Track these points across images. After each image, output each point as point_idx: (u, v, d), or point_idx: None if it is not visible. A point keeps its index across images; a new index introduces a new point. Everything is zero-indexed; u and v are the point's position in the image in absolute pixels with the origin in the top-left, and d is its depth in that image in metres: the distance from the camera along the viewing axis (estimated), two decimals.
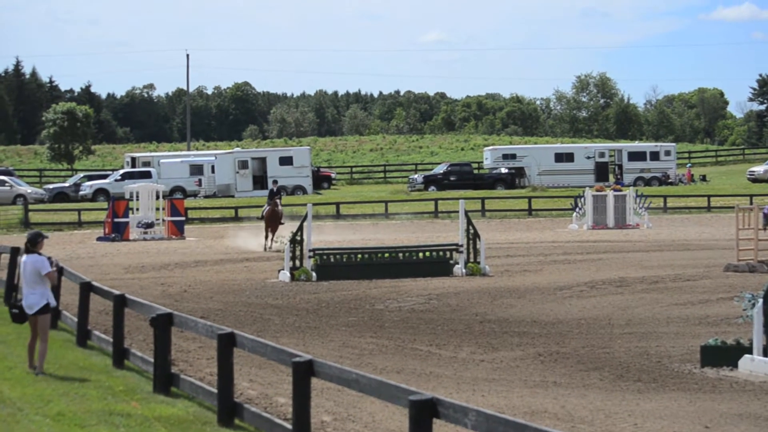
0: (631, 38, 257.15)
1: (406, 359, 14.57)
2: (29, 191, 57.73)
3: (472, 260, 25.25)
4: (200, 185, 61.72)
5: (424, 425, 7.18)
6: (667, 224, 43.45)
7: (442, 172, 65.53)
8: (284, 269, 24.38)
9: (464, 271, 24.93)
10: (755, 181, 66.44)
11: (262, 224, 33.87)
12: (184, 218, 39.87)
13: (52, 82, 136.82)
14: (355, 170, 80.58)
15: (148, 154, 73.14)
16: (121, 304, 13.47)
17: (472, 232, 25.42)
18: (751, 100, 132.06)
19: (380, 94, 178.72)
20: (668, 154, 68.46)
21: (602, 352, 15.13)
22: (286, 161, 62.96)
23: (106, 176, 62.53)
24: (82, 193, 59.38)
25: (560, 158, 67.09)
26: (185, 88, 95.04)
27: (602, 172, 65.96)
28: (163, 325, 11.76)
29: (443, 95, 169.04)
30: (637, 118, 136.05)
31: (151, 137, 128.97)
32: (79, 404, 10.97)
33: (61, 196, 59.43)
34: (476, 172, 68.49)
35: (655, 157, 67.82)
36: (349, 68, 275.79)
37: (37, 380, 12.22)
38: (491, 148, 71.94)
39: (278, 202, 32.68)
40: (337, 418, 10.80)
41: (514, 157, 67.33)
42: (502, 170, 65.57)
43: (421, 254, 25.71)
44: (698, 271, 25.24)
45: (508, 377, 13.39)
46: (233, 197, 60.08)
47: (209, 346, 13.48)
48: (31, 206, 48.25)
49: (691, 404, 11.78)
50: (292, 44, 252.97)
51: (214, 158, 64.44)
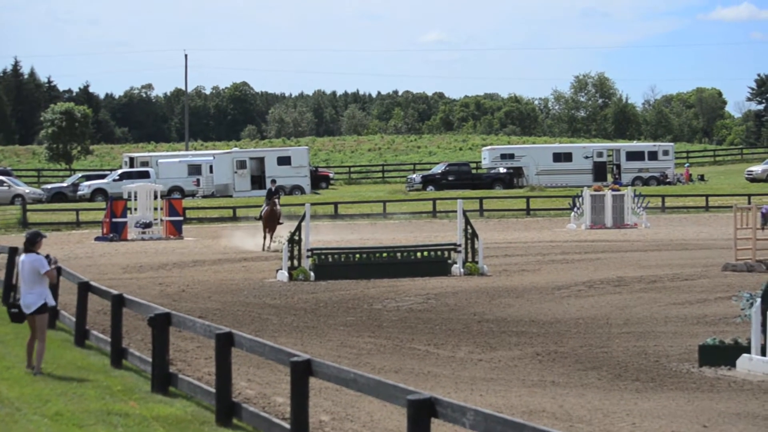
0: (630, 38, 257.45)
1: (404, 359, 14.58)
2: (27, 191, 57.70)
3: (470, 260, 25.25)
4: (198, 185, 61.68)
5: (422, 425, 7.18)
6: (665, 224, 43.46)
7: (440, 171, 65.53)
8: (282, 269, 24.39)
9: (462, 270, 24.94)
10: (753, 180, 66.46)
11: (258, 224, 33.78)
12: (182, 218, 39.86)
13: (50, 82, 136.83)
14: (353, 170, 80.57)
15: (146, 154, 73.08)
16: (119, 303, 13.48)
17: (470, 231, 25.43)
18: (749, 99, 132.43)
19: (378, 94, 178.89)
20: (666, 153, 68.48)
21: (600, 351, 15.14)
22: (284, 161, 62.94)
23: (104, 176, 62.46)
24: (80, 193, 59.32)
25: (558, 158, 67.08)
26: (183, 88, 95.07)
27: (600, 171, 65.98)
28: (161, 324, 11.76)
29: (441, 95, 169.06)
30: (635, 117, 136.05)
31: (149, 137, 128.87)
32: (77, 404, 10.97)
33: (59, 196, 59.35)
34: (474, 171, 68.48)
35: (653, 156, 67.84)
36: (348, 68, 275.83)
37: (35, 380, 12.22)
38: (489, 147, 71.93)
39: (276, 202, 32.57)
40: (335, 417, 10.80)
41: (512, 156, 67.33)
42: (500, 170, 65.56)
43: (419, 254, 25.70)
44: (696, 270, 25.25)
45: (506, 377, 13.40)
46: (231, 197, 60.04)
47: (207, 345, 13.48)
48: (29, 206, 48.24)
49: (689, 403, 11.78)
50: (291, 44, 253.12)
51: (212, 158, 64.39)
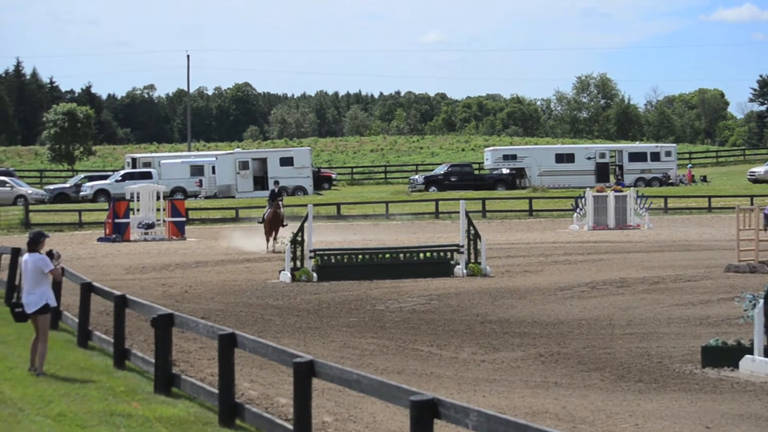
0: (631, 39, 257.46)
1: (407, 360, 14.57)
2: (30, 192, 57.73)
3: (472, 261, 25.24)
4: (201, 186, 61.69)
5: (425, 426, 7.17)
6: (667, 225, 43.44)
7: (442, 172, 65.52)
8: (285, 270, 24.38)
9: (465, 271, 24.93)
10: (756, 181, 66.39)
11: (260, 225, 33.48)
12: (184, 219, 39.87)
13: (52, 82, 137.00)
14: (355, 171, 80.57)
15: (148, 154, 73.11)
16: (121, 304, 13.48)
17: (472, 232, 25.42)
18: (751, 100, 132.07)
19: (381, 94, 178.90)
20: (669, 154, 68.46)
21: (603, 352, 15.12)
22: (286, 162, 62.96)
23: (106, 177, 62.50)
24: (82, 193, 59.34)
25: (561, 159, 67.07)
26: (186, 88, 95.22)
27: (603, 172, 65.96)
28: (164, 325, 11.76)
29: (444, 96, 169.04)
30: (637, 118, 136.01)
31: (151, 138, 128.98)
32: (80, 405, 10.97)
33: (61, 196, 59.39)
34: (477, 172, 68.46)
35: (655, 157, 67.83)
36: (349, 69, 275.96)
37: (38, 381, 12.22)
38: (492, 148, 71.95)
39: (280, 204, 32.30)
40: (338, 418, 10.80)
41: (514, 157, 67.33)
42: (502, 171, 65.57)
43: (421, 255, 25.70)
44: (699, 271, 25.24)
45: (509, 378, 13.39)
46: (234, 198, 60.08)
47: (210, 346, 13.48)
48: (31, 207, 48.28)
49: (692, 405, 11.77)
50: (292, 45, 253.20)
51: (214, 159, 64.40)
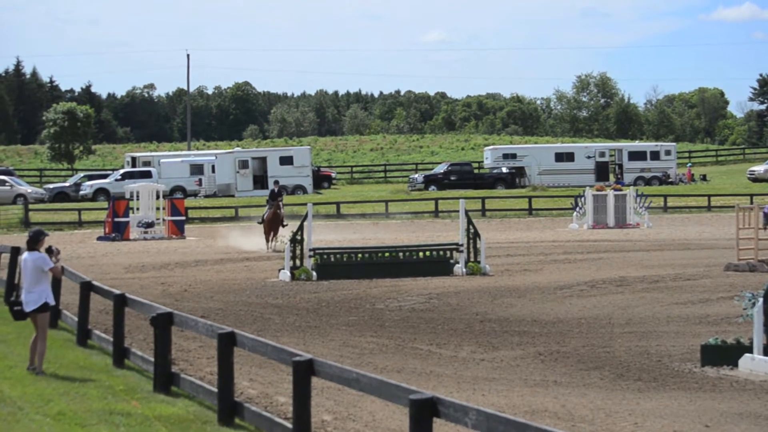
0: (631, 38, 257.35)
1: (406, 358, 14.57)
2: (29, 191, 57.71)
3: (472, 260, 25.24)
4: (200, 185, 61.68)
5: (424, 424, 7.18)
6: (667, 224, 43.46)
7: (442, 171, 65.50)
8: (284, 269, 24.38)
9: (464, 270, 24.93)
10: (755, 180, 66.39)
11: (258, 225, 33.39)
12: (184, 218, 39.88)
13: (52, 82, 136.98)
14: (355, 170, 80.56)
15: (148, 153, 73.11)
16: (121, 303, 13.48)
17: (472, 231, 25.42)
18: (751, 99, 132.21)
19: (380, 93, 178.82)
20: (668, 153, 68.45)
21: (602, 351, 15.13)
22: (286, 161, 62.95)
23: (106, 176, 62.49)
24: (82, 192, 59.33)
25: (560, 158, 67.05)
26: (185, 87, 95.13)
27: (602, 171, 65.94)
28: (163, 324, 11.76)
29: (444, 95, 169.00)
30: (637, 117, 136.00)
31: (151, 137, 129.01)
32: (79, 403, 10.97)
33: (61, 195, 59.39)
34: (476, 171, 68.46)
35: (655, 156, 67.82)
36: (349, 68, 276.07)
37: (37, 379, 12.21)
38: (491, 147, 71.91)
39: (281, 205, 32.10)
40: (337, 417, 10.80)
41: (514, 156, 67.31)
42: (502, 170, 65.54)
43: (421, 254, 25.70)
44: (698, 270, 25.24)
45: (508, 376, 13.39)
46: (233, 197, 60.08)
47: (209, 345, 13.48)
48: (31, 206, 48.28)
49: (691, 403, 11.78)
50: (292, 44, 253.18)
51: (214, 158, 64.40)
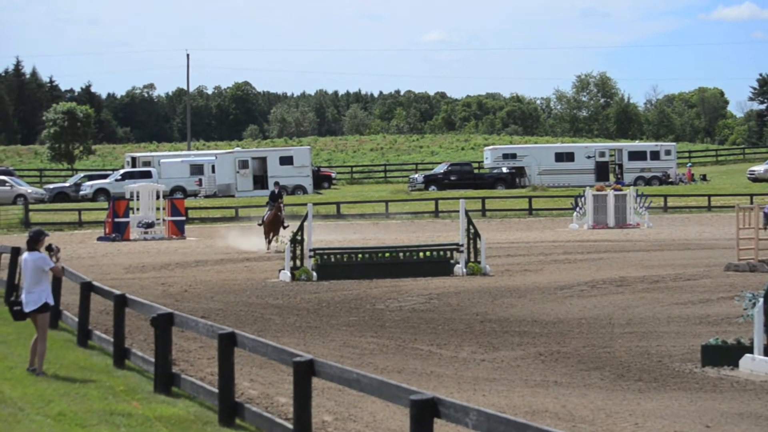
0: (631, 38, 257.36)
1: (406, 359, 14.57)
2: (29, 191, 57.71)
3: (472, 260, 25.24)
4: (201, 185, 61.68)
5: (425, 425, 7.17)
6: (667, 224, 43.46)
7: (442, 171, 65.49)
8: (285, 269, 24.38)
9: (465, 270, 24.93)
10: (755, 180, 66.38)
11: (256, 224, 33.33)
12: (184, 218, 39.88)
13: (52, 82, 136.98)
14: (355, 170, 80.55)
15: (148, 153, 73.11)
16: (121, 303, 13.47)
17: (472, 231, 25.42)
18: (751, 99, 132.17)
19: (380, 93, 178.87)
20: (668, 153, 68.44)
21: (603, 351, 15.12)
22: (286, 161, 62.94)
23: (106, 176, 62.48)
24: (82, 193, 59.32)
25: (560, 158, 67.05)
26: (185, 87, 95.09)
27: (602, 171, 65.94)
28: (163, 324, 11.76)
29: (443, 95, 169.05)
30: (637, 117, 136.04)
31: (151, 137, 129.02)
32: (80, 404, 10.97)
33: (61, 196, 59.39)
34: (476, 171, 68.45)
35: (655, 156, 67.81)
36: (349, 68, 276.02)
37: (37, 380, 12.21)
38: (491, 147, 71.91)
39: (281, 207, 32.00)
40: (338, 417, 10.80)
41: (514, 156, 67.31)
42: (502, 170, 65.53)
43: (421, 254, 25.70)
44: (699, 270, 25.24)
45: (508, 377, 13.39)
46: (234, 197, 60.07)
47: (210, 345, 13.48)
48: (31, 206, 48.28)
49: (692, 404, 11.77)
50: (292, 44, 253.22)
51: (214, 158, 64.40)
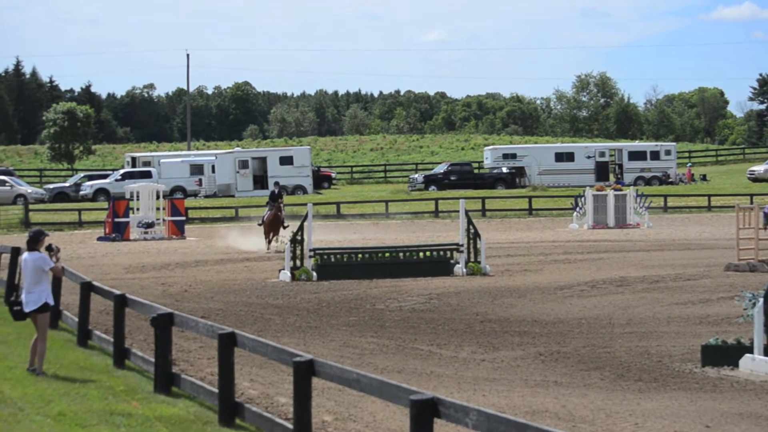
0: (631, 38, 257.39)
1: (406, 359, 14.57)
2: (29, 191, 57.70)
3: (472, 260, 25.24)
4: (201, 185, 61.68)
5: (425, 425, 7.17)
6: (667, 224, 43.45)
7: (442, 171, 65.49)
8: (285, 269, 24.38)
9: (465, 270, 24.93)
10: (755, 180, 66.38)
11: (256, 224, 33.30)
12: (184, 218, 39.88)
13: (52, 82, 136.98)
14: (355, 170, 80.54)
15: (148, 153, 73.10)
16: (121, 303, 13.47)
17: (472, 231, 25.42)
18: (751, 99, 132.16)
19: (380, 93, 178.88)
20: (668, 153, 68.44)
21: (603, 351, 15.12)
22: (286, 161, 62.94)
23: (106, 176, 62.48)
24: (82, 193, 59.32)
25: (560, 158, 67.04)
26: (185, 87, 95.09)
27: (602, 171, 65.94)
28: (163, 324, 11.76)
29: (443, 95, 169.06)
30: (637, 117, 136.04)
31: (151, 137, 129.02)
32: (80, 404, 10.97)
33: (61, 196, 59.38)
34: (476, 171, 68.45)
35: (655, 156, 67.81)
36: (349, 68, 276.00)
37: (37, 380, 12.21)
38: (491, 147, 71.91)
39: (281, 207, 31.91)
40: (338, 417, 10.80)
41: (514, 156, 67.31)
42: (502, 170, 65.53)
43: (421, 254, 25.70)
44: (699, 270, 25.24)
45: (508, 377, 13.39)
46: (234, 197, 60.07)
47: (210, 345, 13.48)
48: (31, 206, 48.27)
49: (692, 403, 11.77)
50: (292, 44, 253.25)
51: (214, 158, 64.40)
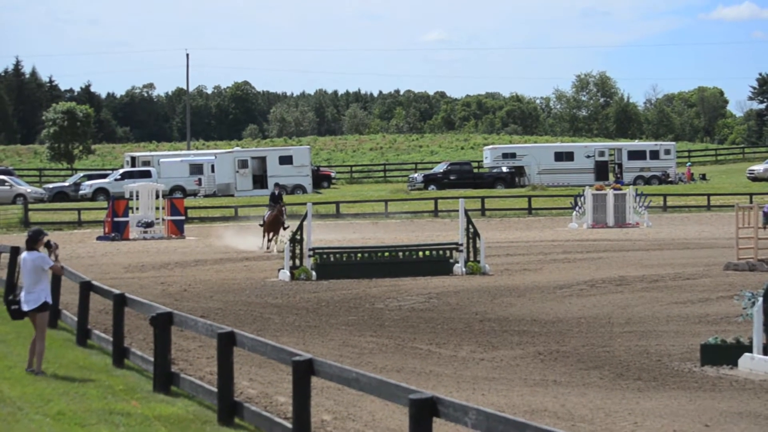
0: (631, 38, 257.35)
1: (406, 358, 14.57)
2: (29, 191, 57.69)
3: (472, 259, 25.24)
4: (200, 184, 61.67)
5: (424, 424, 7.17)
6: (666, 223, 43.45)
7: (441, 171, 65.48)
8: (284, 268, 24.38)
9: (464, 270, 24.93)
10: (755, 179, 66.38)
11: (257, 224, 33.29)
12: (183, 217, 39.87)
13: (51, 81, 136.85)
14: (354, 169, 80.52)
15: (147, 153, 73.08)
16: (121, 303, 13.47)
17: (472, 231, 25.42)
18: (750, 98, 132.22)
19: (380, 93, 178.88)
20: (668, 153, 68.43)
21: (602, 350, 15.13)
22: (285, 160, 62.92)
23: (105, 176, 62.45)
24: (81, 192, 59.29)
25: (560, 157, 67.02)
26: (185, 87, 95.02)
27: (602, 171, 65.92)
28: (163, 324, 11.76)
29: (443, 94, 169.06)
30: (636, 117, 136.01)
31: (150, 137, 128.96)
32: (79, 403, 10.97)
33: (60, 195, 59.35)
34: (476, 171, 68.43)
35: (654, 156, 67.81)
36: (349, 68, 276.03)
37: (37, 379, 12.21)
38: (491, 147, 71.90)
39: (283, 210, 31.77)
40: (337, 416, 10.80)
41: (513, 156, 67.29)
42: (502, 169, 65.52)
43: (420, 253, 25.70)
44: (698, 269, 25.25)
45: (508, 376, 13.39)
46: (233, 196, 60.06)
47: (209, 345, 13.48)
48: (30, 206, 48.25)
49: (691, 403, 11.78)
50: (292, 44, 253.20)
51: (213, 157, 64.38)
